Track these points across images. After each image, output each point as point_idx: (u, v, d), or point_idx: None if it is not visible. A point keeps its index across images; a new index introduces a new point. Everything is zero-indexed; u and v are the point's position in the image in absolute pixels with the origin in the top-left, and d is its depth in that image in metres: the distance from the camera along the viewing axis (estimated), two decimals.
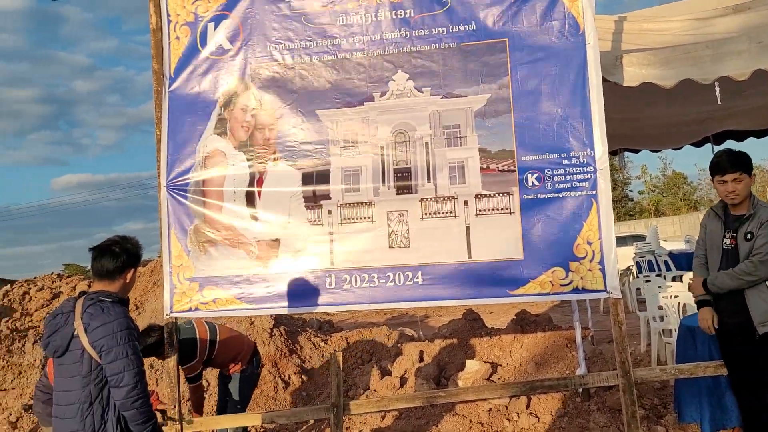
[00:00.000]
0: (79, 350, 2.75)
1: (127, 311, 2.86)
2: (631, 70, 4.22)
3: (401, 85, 4.16)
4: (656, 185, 46.71)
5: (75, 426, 2.74)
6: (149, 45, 4.41)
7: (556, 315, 8.78)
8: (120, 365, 2.70)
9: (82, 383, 2.75)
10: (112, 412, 2.76)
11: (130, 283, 2.99)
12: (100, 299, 2.81)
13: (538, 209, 3.95)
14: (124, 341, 2.72)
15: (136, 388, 2.72)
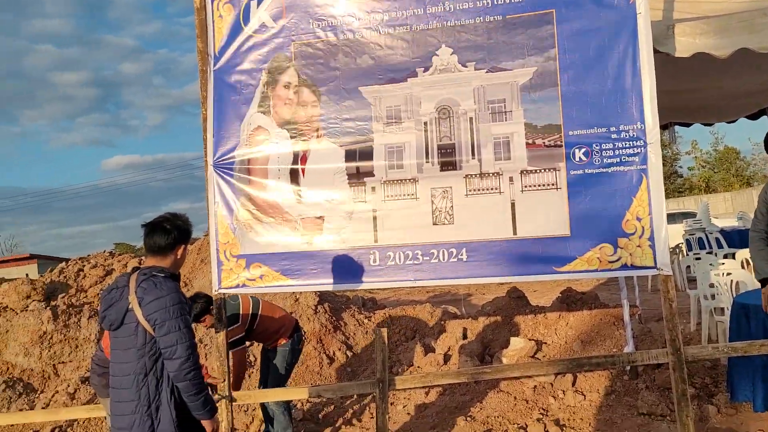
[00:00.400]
0: (134, 323, 2.83)
1: (178, 286, 2.93)
2: (684, 39, 4.07)
3: (445, 60, 4.11)
4: (707, 161, 45.27)
5: (131, 396, 2.83)
6: (192, 26, 4.44)
7: (603, 293, 8.66)
8: (173, 338, 2.77)
9: (137, 355, 2.83)
10: (166, 383, 2.84)
11: (180, 259, 3.05)
12: (153, 274, 2.89)
13: (586, 185, 3.87)
14: (176, 315, 2.79)
15: (189, 361, 2.78)
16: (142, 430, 2.82)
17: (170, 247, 2.99)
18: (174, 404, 2.85)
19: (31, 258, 30.12)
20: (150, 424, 2.82)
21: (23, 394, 6.86)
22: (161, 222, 3.00)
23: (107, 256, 10.16)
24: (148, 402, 2.83)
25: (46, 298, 8.18)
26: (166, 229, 2.97)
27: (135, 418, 2.82)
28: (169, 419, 2.83)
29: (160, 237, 2.96)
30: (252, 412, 6.04)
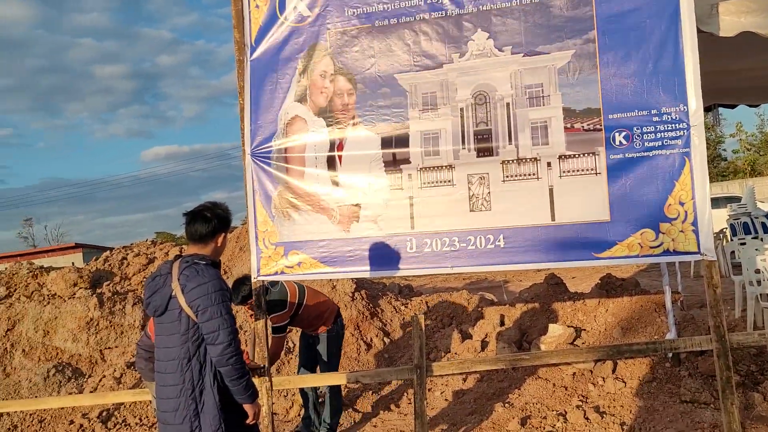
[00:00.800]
0: (177, 310, 2.90)
1: (219, 273, 2.98)
2: (729, 18, 3.95)
3: (481, 45, 4.07)
4: (752, 143, 43.90)
5: (176, 380, 2.90)
6: (228, 17, 4.50)
7: (644, 279, 8.52)
8: (215, 324, 2.83)
9: (180, 340, 2.90)
10: (209, 368, 2.90)
11: (221, 247, 3.11)
12: (195, 262, 2.95)
13: (626, 169, 3.80)
14: (218, 301, 2.85)
15: (231, 346, 2.84)
16: (187, 413, 2.89)
17: (211, 235, 3.04)
18: (217, 388, 2.91)
19: (76, 247, 30.93)
20: (194, 407, 2.90)
21: (72, 378, 7.09)
22: (202, 211, 3.06)
23: (149, 245, 10.39)
24: (192, 386, 2.90)
25: (92, 286, 8.41)
26: (206, 217, 3.03)
27: (180, 401, 2.90)
28: (212, 403, 2.89)
29: (201, 225, 3.02)
30: (292, 397, 6.14)
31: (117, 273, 9.20)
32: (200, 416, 2.90)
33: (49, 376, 7.00)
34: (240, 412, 3.00)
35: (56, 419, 6.41)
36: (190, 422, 2.89)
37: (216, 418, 2.89)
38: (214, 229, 3.04)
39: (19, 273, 8.80)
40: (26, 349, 7.46)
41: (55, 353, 7.47)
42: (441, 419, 5.33)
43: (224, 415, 2.91)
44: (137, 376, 6.96)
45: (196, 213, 3.06)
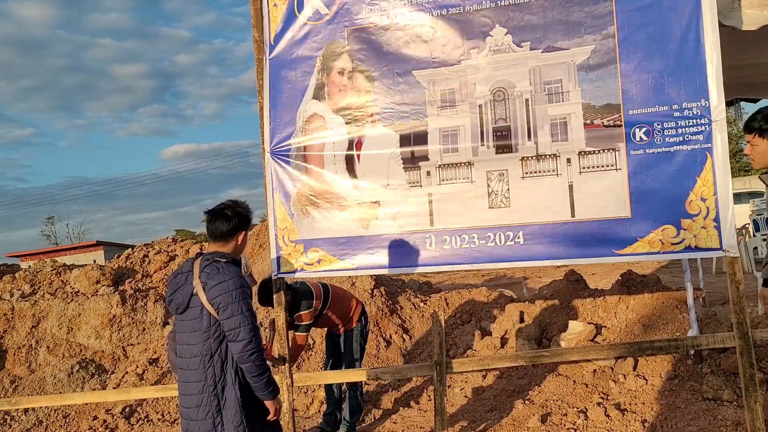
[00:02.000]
0: (199, 307, 2.93)
1: (240, 271, 3.01)
2: (751, 12, 3.89)
3: (499, 41, 4.06)
4: None
5: (198, 377, 2.94)
6: (246, 16, 4.55)
7: (665, 276, 8.44)
8: (236, 321, 2.86)
9: (202, 337, 2.94)
10: (230, 365, 2.94)
11: (242, 245, 3.14)
12: (216, 260, 2.98)
13: (647, 165, 3.77)
14: (239, 299, 2.88)
15: (252, 343, 2.87)
16: (209, 409, 2.93)
17: (231, 233, 3.07)
18: (239, 385, 2.95)
19: (97, 245, 31.34)
20: (216, 403, 2.93)
21: (95, 374, 7.20)
22: (223, 209, 3.09)
23: (170, 242, 10.50)
24: (214, 382, 2.94)
25: (114, 283, 8.53)
26: (227, 215, 3.06)
27: (202, 397, 2.94)
28: (234, 399, 2.93)
29: (222, 223, 3.05)
30: (312, 394, 6.18)
31: (138, 270, 9.31)
32: (222, 412, 2.94)
33: (73, 373, 7.11)
34: (261, 409, 3.03)
35: (80, 415, 6.51)
36: (213, 418, 2.93)
37: (238, 414, 2.92)
38: (235, 227, 3.07)
39: (43, 271, 8.95)
40: (51, 345, 7.59)
41: (79, 350, 7.59)
42: (461, 416, 5.33)
43: (246, 412, 2.94)
44: (159, 372, 7.05)
45: (217, 211, 3.09)
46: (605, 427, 4.58)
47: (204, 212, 3.14)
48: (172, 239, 10.87)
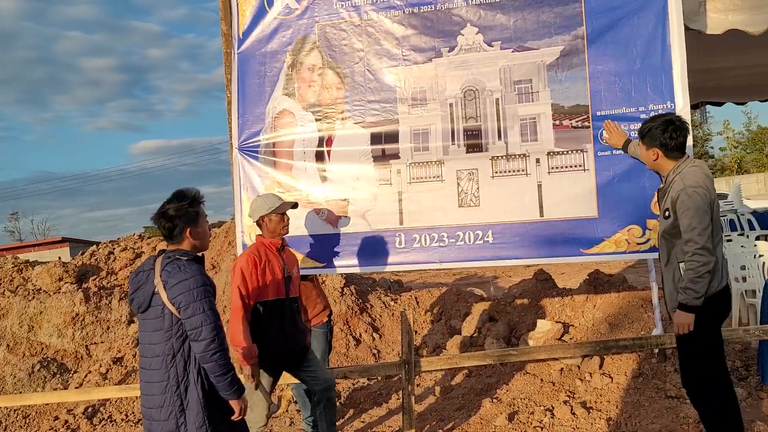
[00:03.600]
0: (160, 306, 2.87)
1: (202, 269, 2.95)
2: (716, 16, 3.97)
3: (470, 40, 4.06)
4: (739, 141, 44.29)
5: (161, 377, 2.88)
6: (218, 11, 4.44)
7: (631, 276, 8.56)
8: (198, 320, 2.80)
9: (164, 337, 2.87)
10: (193, 364, 2.88)
11: (197, 240, 3.02)
12: (177, 257, 2.91)
13: (614, 166, 3.82)
14: (200, 297, 2.81)
15: (214, 342, 2.82)
16: (172, 409, 2.87)
17: (179, 233, 2.98)
18: (201, 385, 2.89)
19: (63, 241, 30.69)
20: (179, 403, 2.87)
21: (57, 373, 7.03)
22: (164, 211, 2.96)
23: (137, 239, 10.32)
24: (177, 382, 2.88)
25: (78, 281, 8.35)
26: (169, 216, 2.96)
27: (165, 398, 2.88)
28: (196, 399, 2.87)
29: (166, 225, 2.96)
30: (280, 392, 6.13)
31: (103, 268, 9.13)
32: (185, 412, 2.88)
33: (33, 372, 6.94)
34: (226, 408, 2.98)
35: (41, 415, 6.35)
36: (176, 418, 2.87)
37: (200, 415, 2.87)
38: (179, 227, 2.96)
39: (4, 267, 8.72)
40: (11, 344, 7.39)
41: (40, 348, 7.41)
42: (429, 414, 5.33)
43: (209, 412, 2.89)
44: (123, 371, 6.92)
45: (159, 214, 2.98)
46: (571, 425, 4.62)
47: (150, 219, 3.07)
48: (139, 236, 10.68)
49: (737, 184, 16.71)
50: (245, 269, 3.59)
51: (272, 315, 3.65)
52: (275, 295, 3.65)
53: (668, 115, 3.15)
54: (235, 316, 3.56)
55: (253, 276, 3.58)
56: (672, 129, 3.05)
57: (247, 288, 3.57)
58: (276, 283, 3.65)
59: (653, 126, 3.10)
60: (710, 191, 3.02)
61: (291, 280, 3.74)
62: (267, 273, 3.62)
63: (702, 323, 3.10)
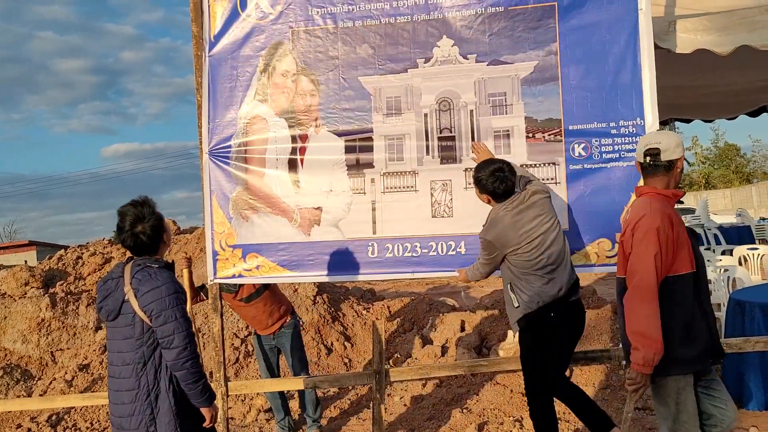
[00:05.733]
0: (131, 314, 2.83)
1: (173, 275, 2.92)
2: (685, 36, 4.06)
3: (446, 51, 4.09)
4: (707, 157, 45.26)
5: (131, 385, 2.84)
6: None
7: (601, 287, 8.68)
8: (170, 328, 2.77)
9: (135, 345, 2.84)
10: (164, 372, 2.85)
11: (168, 242, 3.04)
12: (147, 265, 2.88)
13: (585, 180, 3.88)
14: (172, 305, 2.79)
15: (186, 350, 2.79)
16: (143, 418, 2.83)
17: (155, 244, 2.95)
18: (173, 393, 2.86)
19: (29, 245, 30.08)
20: (150, 412, 2.84)
21: (21, 380, 6.87)
22: (137, 234, 2.90)
23: (106, 244, 10.15)
24: (148, 391, 2.85)
25: (45, 286, 8.18)
26: (145, 235, 2.90)
27: (135, 406, 2.84)
28: (168, 407, 2.84)
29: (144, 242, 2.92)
30: (249, 402, 6.06)
31: (71, 272, 8.96)
32: (156, 421, 2.86)
33: None
34: (197, 416, 2.95)
35: (3, 423, 6.19)
36: (146, 427, 2.84)
37: (172, 423, 2.84)
38: (155, 239, 2.92)
39: None
40: None
41: (4, 355, 7.23)
42: (399, 424, 5.32)
43: (180, 420, 2.86)
44: (89, 378, 6.79)
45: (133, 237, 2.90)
46: None
47: (118, 242, 3.00)
48: (109, 241, 10.50)
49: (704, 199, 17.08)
50: (663, 231, 2.65)
51: (688, 294, 2.74)
52: (690, 268, 2.75)
53: (496, 164, 3.54)
54: (644, 300, 2.64)
55: (669, 241, 2.67)
56: (499, 179, 3.46)
57: (662, 258, 2.65)
58: (689, 250, 2.76)
59: (482, 176, 3.51)
60: (499, 239, 3.45)
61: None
62: (681, 236, 2.73)
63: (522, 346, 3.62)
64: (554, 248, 3.46)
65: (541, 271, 3.44)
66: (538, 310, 3.45)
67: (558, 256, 3.47)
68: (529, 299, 3.46)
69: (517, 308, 3.51)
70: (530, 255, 3.42)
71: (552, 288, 3.45)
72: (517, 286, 3.50)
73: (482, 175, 3.53)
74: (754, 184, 35.84)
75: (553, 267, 3.45)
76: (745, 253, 7.66)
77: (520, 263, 3.46)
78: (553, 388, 3.60)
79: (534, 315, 3.46)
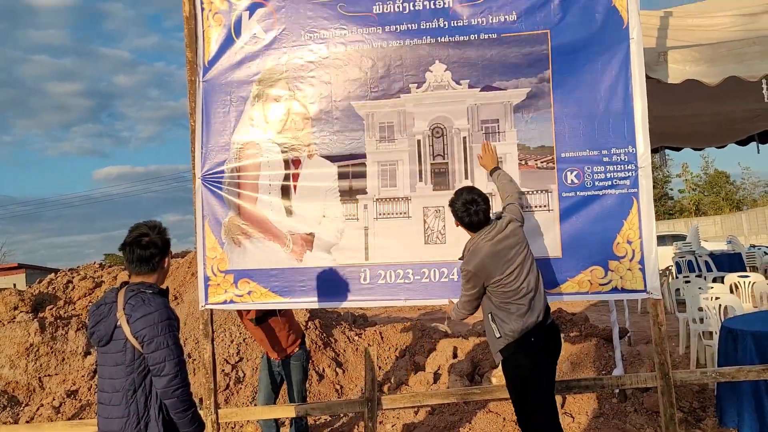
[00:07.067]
0: (123, 340, 2.79)
1: (167, 302, 2.89)
2: (676, 66, 4.13)
3: (439, 77, 4.12)
4: (697, 184, 45.65)
5: (120, 413, 2.79)
6: None
7: (593, 314, 8.66)
8: (161, 355, 2.74)
9: (125, 372, 2.80)
10: (154, 400, 2.80)
11: (165, 271, 3.01)
12: (141, 290, 2.85)
13: (578, 207, 3.88)
14: (165, 332, 2.76)
15: (177, 377, 2.75)
16: None
17: (157, 262, 2.94)
18: (162, 421, 2.82)
19: (19, 268, 29.82)
20: None
21: (7, 407, 6.76)
22: (139, 238, 2.92)
23: (97, 268, 10.09)
24: (138, 418, 2.80)
25: (34, 310, 8.10)
26: (145, 245, 2.91)
27: None
28: None
29: (141, 253, 2.90)
30: (240, 429, 5.98)
31: (61, 297, 8.88)
32: None
33: None
34: None
35: None
36: None
37: None
38: (158, 254, 2.92)
39: None
40: None
41: None
42: None
43: None
44: (77, 405, 6.69)
45: (132, 242, 2.92)
46: None
47: (119, 248, 2.99)
48: (100, 264, 10.45)
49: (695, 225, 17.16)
50: None
51: None
52: None
53: (471, 194, 3.57)
54: None
55: None
56: (472, 210, 3.51)
57: None
58: None
59: (456, 207, 3.57)
60: (482, 269, 3.45)
61: None
62: None
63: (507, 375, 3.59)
64: (531, 276, 3.49)
65: (522, 299, 3.45)
66: (519, 337, 3.45)
67: (535, 284, 3.50)
68: (510, 329, 3.45)
69: (498, 338, 3.50)
70: (511, 285, 3.44)
71: (531, 315, 3.47)
72: (498, 316, 3.49)
73: (456, 205, 3.58)
74: (744, 211, 36.11)
75: (532, 295, 3.48)
76: (736, 280, 7.69)
77: (500, 293, 3.46)
78: (543, 413, 3.57)
79: (516, 343, 3.46)
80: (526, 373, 3.50)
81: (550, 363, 3.60)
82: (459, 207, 3.55)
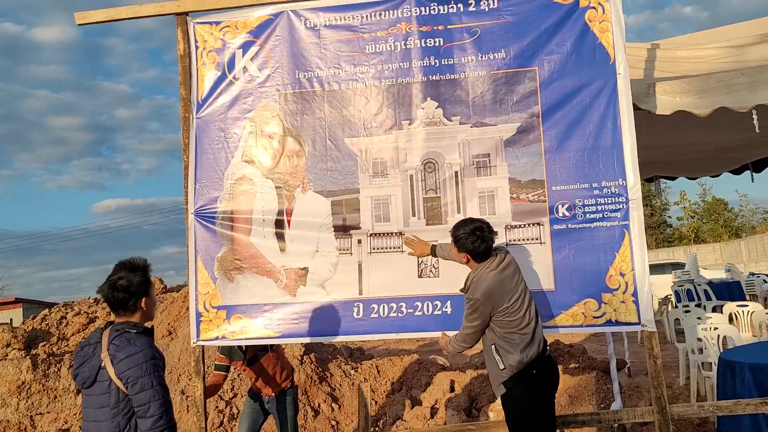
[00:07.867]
0: (107, 381, 2.75)
1: (152, 341, 2.86)
2: (665, 98, 4.16)
3: (430, 113, 4.16)
4: (696, 211, 45.74)
5: None
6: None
7: (591, 345, 8.60)
8: (146, 396, 2.69)
9: (110, 414, 2.75)
10: None
11: (150, 308, 2.96)
12: (126, 330, 2.82)
13: (570, 240, 3.89)
14: (149, 372, 2.72)
15: (162, 419, 2.71)
16: None
17: (133, 304, 2.89)
18: None
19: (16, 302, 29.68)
20: None
21: None
22: (116, 281, 2.88)
23: (92, 303, 10.02)
24: None
25: (27, 347, 8.02)
26: (122, 287, 2.86)
27: None
28: None
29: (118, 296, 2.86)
30: None
31: (54, 333, 8.81)
32: None
33: None
34: None
35: None
36: None
37: None
38: (133, 296, 2.87)
39: None
40: None
41: None
42: None
43: None
44: None
45: (110, 286, 2.88)
46: None
47: (96, 291, 2.96)
48: (94, 300, 10.38)
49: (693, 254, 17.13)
50: None
51: None
52: None
53: (475, 223, 3.55)
54: None
55: None
56: (478, 239, 3.48)
57: None
58: None
59: (461, 235, 3.52)
60: (490, 297, 3.40)
61: None
62: None
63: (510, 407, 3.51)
64: (531, 306, 3.49)
65: (526, 329, 3.43)
66: (523, 368, 3.42)
67: (534, 314, 3.50)
68: (514, 360, 3.42)
69: (503, 370, 3.45)
70: (516, 314, 3.42)
71: (533, 346, 3.45)
72: (502, 348, 3.46)
73: (461, 233, 3.53)
74: (743, 239, 36.11)
75: (534, 325, 3.47)
76: (735, 310, 7.64)
77: (505, 323, 3.43)
78: None
79: (519, 374, 3.43)
80: (528, 405, 3.46)
81: (550, 395, 3.56)
82: (465, 234, 3.50)
